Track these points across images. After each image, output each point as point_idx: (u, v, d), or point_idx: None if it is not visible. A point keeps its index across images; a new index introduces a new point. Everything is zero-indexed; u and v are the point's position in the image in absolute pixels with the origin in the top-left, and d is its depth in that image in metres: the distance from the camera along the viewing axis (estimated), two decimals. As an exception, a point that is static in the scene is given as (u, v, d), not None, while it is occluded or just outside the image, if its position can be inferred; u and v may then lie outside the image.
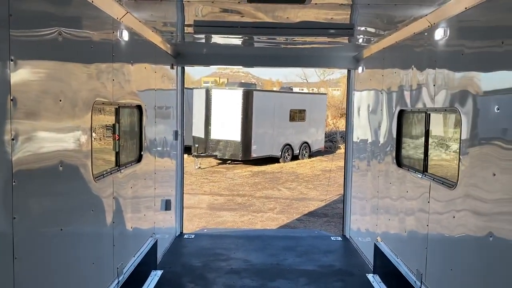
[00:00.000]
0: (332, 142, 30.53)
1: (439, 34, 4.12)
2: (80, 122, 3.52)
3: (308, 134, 25.14)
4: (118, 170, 4.57)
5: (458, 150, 3.72)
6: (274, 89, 40.38)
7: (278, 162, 23.06)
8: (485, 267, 3.25)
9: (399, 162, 5.38)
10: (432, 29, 4.30)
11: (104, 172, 4.19)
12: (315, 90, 51.83)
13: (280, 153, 23.14)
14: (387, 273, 5.71)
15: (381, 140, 6.08)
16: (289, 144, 23.66)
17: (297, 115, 24.41)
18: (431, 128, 4.65)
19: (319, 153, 26.51)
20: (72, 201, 3.43)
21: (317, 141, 26.24)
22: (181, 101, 7.84)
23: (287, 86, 30.45)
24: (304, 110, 24.88)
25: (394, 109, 5.52)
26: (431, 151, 4.65)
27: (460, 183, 3.66)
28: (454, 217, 3.76)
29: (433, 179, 4.31)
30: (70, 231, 3.39)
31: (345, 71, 8.12)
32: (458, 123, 3.88)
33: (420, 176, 4.62)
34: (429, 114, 4.60)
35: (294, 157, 24.06)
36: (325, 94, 31.72)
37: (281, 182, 18.38)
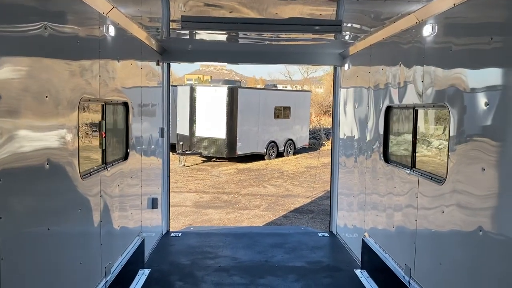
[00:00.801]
0: (316, 139, 30.69)
1: (427, 31, 4.15)
2: (66, 119, 3.44)
3: (292, 131, 25.22)
4: (105, 168, 4.49)
5: (446, 145, 3.76)
6: (258, 86, 40.35)
7: (263, 159, 23.08)
8: (475, 261, 3.29)
9: (386, 158, 5.42)
10: (420, 25, 4.33)
11: (91, 170, 4.11)
12: (299, 88, 52.01)
13: (265, 150, 23.16)
14: (375, 269, 5.76)
15: (368, 136, 6.11)
16: (274, 141, 23.70)
17: (281, 113, 24.45)
18: (419, 124, 4.69)
19: (303, 150, 26.62)
20: (59, 200, 3.35)
21: (302, 138, 26.35)
22: (167, 98, 7.76)
23: (272, 83, 30.44)
24: (289, 107, 24.94)
25: (381, 105, 5.55)
26: (419, 147, 4.69)
27: (449, 178, 3.70)
28: (443, 212, 3.80)
29: (421, 175, 4.34)
30: (58, 231, 3.31)
31: (329, 69, 8.18)
32: (446, 119, 3.92)
33: (408, 172, 4.66)
34: (417, 110, 4.64)
35: (279, 154, 24.11)
36: (309, 91, 31.84)
37: (266, 179, 18.39)
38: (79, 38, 3.69)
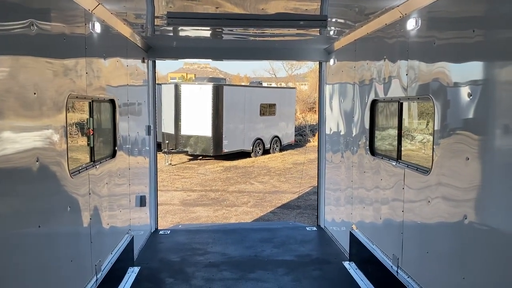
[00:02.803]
0: (302, 136, 30.84)
1: (411, 25, 4.22)
2: (55, 116, 3.43)
3: (278, 128, 25.30)
4: (93, 166, 4.48)
5: (431, 137, 3.85)
6: (243, 84, 40.33)
7: (250, 156, 23.12)
8: (461, 249, 3.38)
9: (372, 151, 5.50)
10: (404, 19, 4.41)
11: (80, 168, 4.10)
12: (283, 85, 52.13)
13: (251, 147, 23.19)
14: (363, 260, 5.85)
15: (355, 130, 6.19)
16: (260, 139, 23.74)
17: (267, 110, 24.50)
18: (404, 116, 4.77)
19: (289, 146, 26.74)
20: (49, 198, 3.34)
21: (288, 135, 26.45)
22: (153, 96, 7.74)
23: (257, 80, 30.44)
24: (274, 105, 25.00)
25: (367, 99, 5.63)
26: (404, 139, 4.78)
27: (434, 168, 3.78)
28: (429, 202, 3.89)
29: (407, 166, 4.43)
30: (48, 228, 3.30)
31: (313, 65, 8.36)
32: (430, 111, 4.01)
33: (394, 164, 4.74)
34: (402, 103, 4.73)
35: (265, 151, 24.18)
36: (294, 88, 31.94)
37: (253, 176, 18.44)
38: (65, 36, 3.67)
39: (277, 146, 25.15)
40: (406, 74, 4.37)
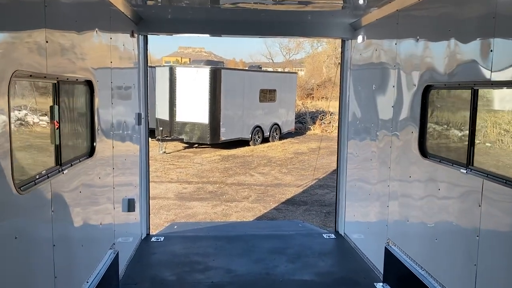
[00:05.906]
0: (302, 124, 29.63)
1: (505, -21, 3.02)
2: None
3: (278, 115, 24.06)
4: (59, 171, 3.27)
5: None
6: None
7: (248, 145, 21.91)
8: None
9: (424, 151, 4.32)
10: (490, -26, 3.19)
11: (36, 177, 2.89)
12: (279, 70, 50.75)
13: (250, 135, 21.97)
14: (404, 285, 4.71)
15: (394, 122, 5.00)
16: (259, 126, 22.50)
17: (267, 96, 23.21)
18: (479, 107, 3.57)
19: (289, 134, 25.54)
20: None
21: (288, 122, 25.24)
22: (144, 77, 6.49)
23: (255, 64, 29.02)
24: (275, 90, 23.71)
25: (415, 84, 4.43)
26: (481, 138, 3.59)
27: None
28: (532, 230, 2.73)
29: (487, 176, 3.26)
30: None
31: (311, 50, 7.41)
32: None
33: (465, 171, 3.56)
34: (477, 90, 3.52)
35: (265, 140, 22.98)
36: (295, 73, 30.59)
37: (253, 167, 17.26)
38: None
39: (276, 134, 23.94)
40: (491, 51, 3.17)
